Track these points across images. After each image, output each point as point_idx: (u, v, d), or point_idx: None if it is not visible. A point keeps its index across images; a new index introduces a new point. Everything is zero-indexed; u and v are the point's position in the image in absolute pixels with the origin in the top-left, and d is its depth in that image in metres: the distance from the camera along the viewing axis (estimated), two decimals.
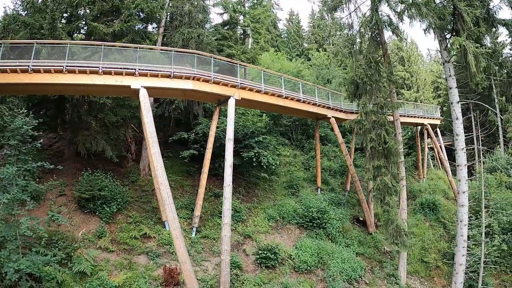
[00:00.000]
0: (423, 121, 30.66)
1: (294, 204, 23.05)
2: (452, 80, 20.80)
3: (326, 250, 20.88)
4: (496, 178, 31.04)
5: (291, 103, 22.13)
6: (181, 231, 16.46)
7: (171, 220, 16.07)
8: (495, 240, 25.13)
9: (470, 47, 16.45)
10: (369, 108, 20.39)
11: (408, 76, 44.55)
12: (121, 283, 15.21)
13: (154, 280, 16.23)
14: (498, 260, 24.81)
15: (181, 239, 15.95)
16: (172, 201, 16.35)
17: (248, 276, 18.44)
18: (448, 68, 20.78)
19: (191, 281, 15.51)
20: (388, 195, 19.97)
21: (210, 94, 19.76)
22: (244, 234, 20.98)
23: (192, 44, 22.03)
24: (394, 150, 20.04)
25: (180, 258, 15.69)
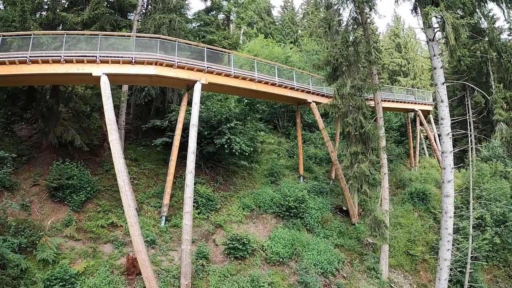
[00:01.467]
0: (414, 107, 27.39)
1: (272, 193, 20.58)
2: (437, 59, 17.73)
3: (301, 241, 18.47)
4: (491, 167, 27.64)
5: (266, 87, 19.57)
6: (137, 219, 14.95)
7: (126, 208, 14.79)
8: (486, 233, 22.01)
9: (448, 17, 13.56)
10: (345, 91, 17.58)
11: (404, 63, 40.96)
12: (82, 271, 14.33)
13: (116, 269, 15.15)
14: (490, 254, 21.80)
15: (137, 228, 14.65)
16: (129, 188, 15.24)
17: (215, 267, 16.56)
18: (432, 46, 17.71)
19: (146, 271, 14.25)
20: (365, 183, 17.28)
21: (176, 79, 17.89)
22: (215, 224, 18.85)
23: (163, 29, 19.77)
24: (372, 135, 17.22)
25: (136, 247, 14.46)
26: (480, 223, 23.43)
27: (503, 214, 22.51)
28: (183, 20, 19.86)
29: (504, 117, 16.67)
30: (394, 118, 31.18)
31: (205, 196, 19.14)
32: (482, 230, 23.02)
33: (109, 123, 15.70)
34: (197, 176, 21.09)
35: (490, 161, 28.66)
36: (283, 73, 22.14)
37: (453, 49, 13.95)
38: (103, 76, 16.29)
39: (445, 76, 16.86)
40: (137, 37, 17.78)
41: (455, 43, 13.75)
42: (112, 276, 14.55)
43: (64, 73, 16.15)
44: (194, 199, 18.99)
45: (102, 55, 16.29)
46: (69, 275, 13.60)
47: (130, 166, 20.89)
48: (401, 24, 45.58)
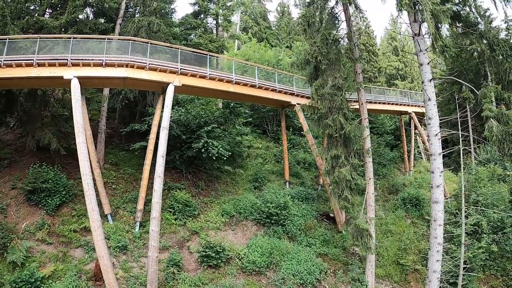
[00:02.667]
0: (408, 109, 25.03)
1: (253, 199, 18.76)
2: (423, 55, 15.65)
3: (280, 250, 16.61)
4: (489, 170, 25.08)
5: (245, 89, 17.84)
6: (100, 223, 13.95)
7: (90, 212, 13.92)
8: (483, 240, 19.55)
9: (426, 3, 11.51)
10: (325, 91, 15.65)
11: (402, 66, 38.46)
12: (49, 275, 13.58)
13: (84, 274, 14.24)
14: (487, 263, 19.35)
15: (100, 232, 13.75)
16: (93, 192, 14.22)
17: (187, 275, 15.14)
18: (418, 41, 15.66)
19: (108, 277, 13.34)
20: (347, 189, 15.22)
21: (149, 81, 16.59)
22: (192, 230, 17.27)
23: (142, 32, 18.28)
24: (354, 137, 15.19)
25: (98, 251, 13.54)
26: (476, 230, 20.94)
27: (501, 220, 20.06)
28: (162, 22, 18.18)
29: (495, 113, 14.43)
30: (389, 121, 28.78)
31: (182, 201, 17.54)
32: (478, 238, 20.54)
33: (76, 126, 14.74)
34: (178, 181, 19.68)
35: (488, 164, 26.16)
36: (272, 76, 20.32)
37: (434, 39, 11.88)
38: (74, 79, 15.52)
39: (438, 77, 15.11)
40: (108, 40, 16.48)
41: (436, 31, 11.70)
42: (79, 281, 13.68)
43: (36, 77, 15.32)
44: (171, 205, 17.93)
45: (74, 58, 15.43)
46: (35, 279, 12.88)
47: (110, 170, 19.60)
48: (398, 27, 43.34)
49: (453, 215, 22.09)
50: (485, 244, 19.67)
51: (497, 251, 19.95)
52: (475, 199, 22.61)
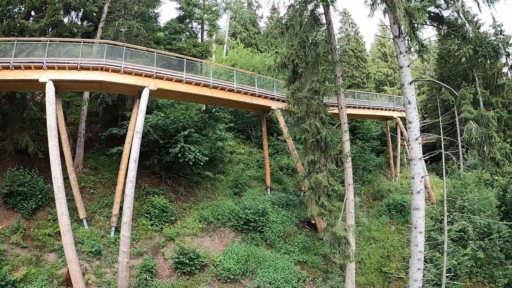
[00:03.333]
0: (393, 114, 24.08)
1: (232, 205, 17.89)
2: (403, 57, 14.81)
3: (257, 257, 15.80)
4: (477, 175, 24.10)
5: (222, 93, 17.10)
6: (70, 227, 13.68)
7: (60, 216, 13.59)
8: (469, 247, 18.55)
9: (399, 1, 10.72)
10: (302, 94, 14.84)
11: (391, 72, 37.55)
12: (21, 279, 13.13)
13: (56, 279, 13.74)
14: (474, 270, 18.32)
15: (69, 236, 13.44)
16: (64, 195, 13.90)
17: (160, 282, 14.51)
18: (398, 44, 14.84)
19: (76, 281, 12.99)
20: (324, 195, 14.33)
21: (125, 85, 16.03)
22: (168, 236, 16.54)
23: (121, 36, 17.56)
24: (331, 142, 14.32)
25: (67, 256, 13.23)
26: (462, 237, 19.94)
27: (487, 226, 19.08)
28: (142, 26, 17.51)
29: (475, 114, 13.51)
30: (375, 127, 27.84)
31: (159, 207, 16.79)
32: (464, 245, 19.54)
33: (49, 129, 14.38)
34: (157, 186, 18.92)
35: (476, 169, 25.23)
36: (259, 81, 19.53)
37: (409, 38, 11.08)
38: (49, 82, 15.07)
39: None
40: (84, 43, 16.00)
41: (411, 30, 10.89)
42: (50, 286, 13.30)
43: (13, 80, 14.85)
44: (147, 210, 17.27)
45: (49, 61, 15.01)
46: (6, 282, 12.47)
47: (89, 175, 18.92)
48: (387, 33, 42.51)
49: (438, 221, 21.13)
50: (470, 251, 18.70)
51: (484, 258, 18.94)
52: (461, 205, 21.65)
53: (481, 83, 27.32)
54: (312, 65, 15.63)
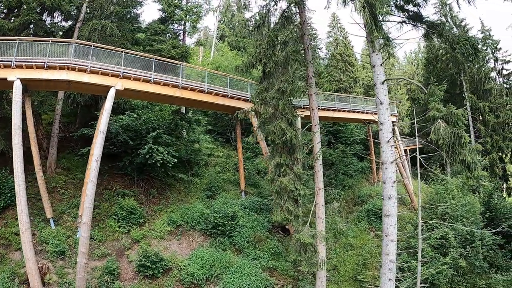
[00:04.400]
0: (374, 118, 22.48)
1: (202, 208, 16.73)
2: (376, 56, 13.63)
3: (223, 262, 14.75)
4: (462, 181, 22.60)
5: (192, 94, 16.15)
6: (28, 225, 13.15)
7: (19, 214, 13.06)
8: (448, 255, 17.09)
9: None
10: (269, 95, 13.65)
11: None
12: None
13: (19, 277, 13.19)
14: (455, 279, 16.91)
15: (28, 234, 12.96)
16: (25, 194, 13.39)
17: (122, 284, 13.77)
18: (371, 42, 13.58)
19: (33, 279, 12.48)
20: (289, 199, 13.10)
21: (92, 85, 15.27)
22: (134, 239, 15.71)
23: (95, 36, 16.66)
24: (297, 144, 13.08)
25: (25, 254, 12.76)
26: (443, 244, 18.43)
27: (470, 233, 17.61)
28: (115, 26, 16.60)
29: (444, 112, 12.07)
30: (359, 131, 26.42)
31: (127, 209, 15.96)
32: (444, 252, 18.02)
33: (13, 128, 13.88)
34: (129, 188, 18.00)
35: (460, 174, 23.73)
36: (235, 83, 18.42)
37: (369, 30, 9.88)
38: (17, 80, 14.32)
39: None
40: (52, 42, 15.30)
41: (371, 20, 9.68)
42: (11, 284, 12.70)
43: None
44: (115, 212, 16.41)
45: (18, 60, 14.44)
46: None
47: (61, 175, 18.27)
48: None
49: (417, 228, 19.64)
50: (450, 259, 17.23)
51: (466, 266, 17.49)
52: (444, 211, 20.13)
53: (468, 87, 25.85)
54: (282, 65, 14.46)
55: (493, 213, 21.28)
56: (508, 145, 25.61)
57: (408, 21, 14.56)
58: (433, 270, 16.46)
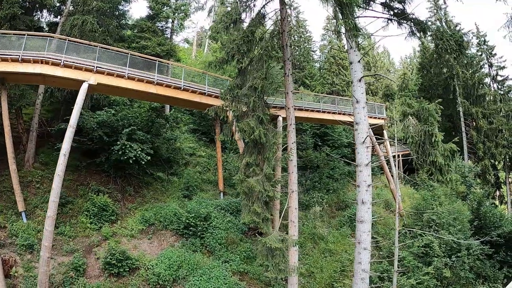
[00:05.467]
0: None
1: (177, 208, 15.84)
2: (354, 53, 12.52)
3: (191, 264, 13.95)
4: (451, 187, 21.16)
5: (169, 91, 15.43)
6: None
7: None
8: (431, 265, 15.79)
9: None
10: (242, 92, 12.67)
11: (373, 81, 34.82)
12: None
13: None
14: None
15: None
16: None
17: (87, 281, 13.21)
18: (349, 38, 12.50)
19: None
20: (258, 201, 12.09)
21: (66, 79, 14.65)
22: (105, 236, 15.09)
23: (75, 31, 15.99)
24: (267, 143, 12.06)
25: None
26: (427, 252, 17.11)
27: (457, 242, 16.26)
28: (95, 21, 15.89)
29: (416, 108, 10.66)
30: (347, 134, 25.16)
31: (99, 205, 15.37)
32: (428, 262, 16.69)
33: None
34: (105, 185, 17.39)
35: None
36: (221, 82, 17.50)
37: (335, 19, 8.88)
38: None
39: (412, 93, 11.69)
40: (28, 35, 14.70)
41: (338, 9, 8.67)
42: None
43: None
44: (87, 208, 15.83)
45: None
46: None
47: (38, 169, 18.02)
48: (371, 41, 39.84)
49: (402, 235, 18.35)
50: (433, 269, 15.88)
51: (451, 277, 16.14)
52: (429, 218, 18.78)
53: (461, 92, 24.44)
54: (257, 62, 13.43)
55: (482, 222, 19.91)
56: (501, 152, 24.11)
57: (393, 18, 13.54)
58: (413, 281, 15.19)
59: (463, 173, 23.11)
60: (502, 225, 19.56)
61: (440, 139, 9.58)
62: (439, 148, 9.66)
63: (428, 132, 10.04)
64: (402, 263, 16.20)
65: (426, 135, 10.18)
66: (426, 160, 10.28)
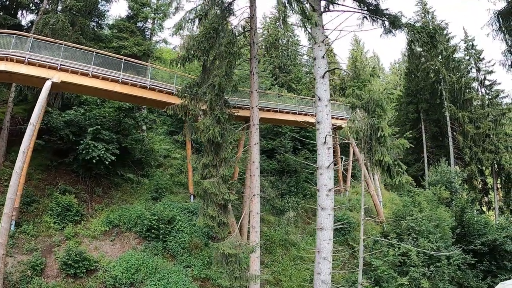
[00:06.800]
0: (341, 123, 20.13)
1: (142, 210, 14.80)
2: (318, 48, 11.65)
3: (149, 267, 13.33)
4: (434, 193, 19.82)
5: (134, 90, 14.84)
6: None
7: None
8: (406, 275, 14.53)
9: None
10: (201, 90, 11.74)
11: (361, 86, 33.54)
12: None
13: None
14: None
15: None
16: None
17: (44, 281, 12.61)
18: (314, 33, 11.60)
19: None
20: (213, 204, 11.02)
21: (31, 76, 14.03)
22: (66, 236, 14.37)
23: (46, 29, 15.40)
24: (224, 145, 11.04)
25: None
26: (404, 261, 15.78)
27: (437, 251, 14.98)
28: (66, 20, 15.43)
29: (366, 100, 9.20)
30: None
31: (63, 205, 14.96)
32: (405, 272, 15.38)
33: None
34: (74, 185, 16.81)
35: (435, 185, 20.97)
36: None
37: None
38: None
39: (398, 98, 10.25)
40: None
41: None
42: None
43: None
44: (51, 207, 15.10)
45: None
46: None
47: (8, 168, 17.45)
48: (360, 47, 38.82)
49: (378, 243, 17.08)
50: (407, 280, 14.57)
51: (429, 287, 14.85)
52: (408, 225, 17.47)
53: (447, 96, 23.13)
54: (220, 59, 12.49)
55: (466, 229, 18.57)
56: (488, 158, 22.64)
57: (368, 14, 12.54)
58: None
59: (449, 179, 21.74)
60: (486, 233, 18.27)
61: (388, 134, 8.13)
62: (386, 144, 8.23)
63: (374, 126, 8.58)
64: (376, 273, 14.92)
65: (373, 128, 8.72)
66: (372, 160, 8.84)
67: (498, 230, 18.71)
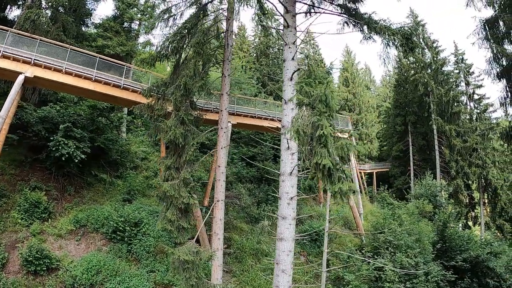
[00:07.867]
0: None
1: (111, 211, 14.32)
2: (289, 49, 11.10)
3: (110, 270, 13.23)
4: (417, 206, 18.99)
5: (108, 89, 14.48)
6: None
7: None
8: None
9: None
10: (169, 90, 11.26)
11: (351, 97, 33.02)
12: None
13: None
14: None
15: None
16: None
17: (5, 276, 12.42)
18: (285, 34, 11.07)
19: None
20: (172, 207, 10.37)
21: (5, 70, 13.57)
22: (32, 232, 13.99)
23: (27, 24, 15.10)
24: (187, 147, 10.48)
25: None
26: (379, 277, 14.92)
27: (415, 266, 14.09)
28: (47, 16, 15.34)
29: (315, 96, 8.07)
30: None
31: (31, 201, 14.79)
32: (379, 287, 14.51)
33: None
34: (46, 182, 16.65)
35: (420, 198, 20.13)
36: None
37: None
38: None
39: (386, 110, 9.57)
40: None
41: None
42: None
43: None
44: (19, 203, 14.72)
45: None
46: None
47: None
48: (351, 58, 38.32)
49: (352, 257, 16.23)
50: None
51: None
52: (386, 239, 16.60)
53: (435, 109, 22.45)
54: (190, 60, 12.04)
55: (447, 244, 17.62)
56: (474, 172, 21.80)
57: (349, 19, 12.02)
58: None
59: (433, 192, 20.91)
60: (469, 248, 17.41)
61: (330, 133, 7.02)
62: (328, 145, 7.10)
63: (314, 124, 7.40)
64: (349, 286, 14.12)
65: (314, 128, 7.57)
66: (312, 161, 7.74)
67: (481, 246, 17.84)
